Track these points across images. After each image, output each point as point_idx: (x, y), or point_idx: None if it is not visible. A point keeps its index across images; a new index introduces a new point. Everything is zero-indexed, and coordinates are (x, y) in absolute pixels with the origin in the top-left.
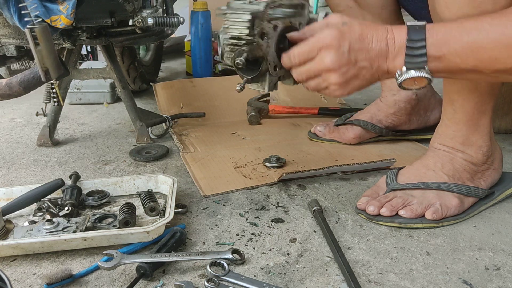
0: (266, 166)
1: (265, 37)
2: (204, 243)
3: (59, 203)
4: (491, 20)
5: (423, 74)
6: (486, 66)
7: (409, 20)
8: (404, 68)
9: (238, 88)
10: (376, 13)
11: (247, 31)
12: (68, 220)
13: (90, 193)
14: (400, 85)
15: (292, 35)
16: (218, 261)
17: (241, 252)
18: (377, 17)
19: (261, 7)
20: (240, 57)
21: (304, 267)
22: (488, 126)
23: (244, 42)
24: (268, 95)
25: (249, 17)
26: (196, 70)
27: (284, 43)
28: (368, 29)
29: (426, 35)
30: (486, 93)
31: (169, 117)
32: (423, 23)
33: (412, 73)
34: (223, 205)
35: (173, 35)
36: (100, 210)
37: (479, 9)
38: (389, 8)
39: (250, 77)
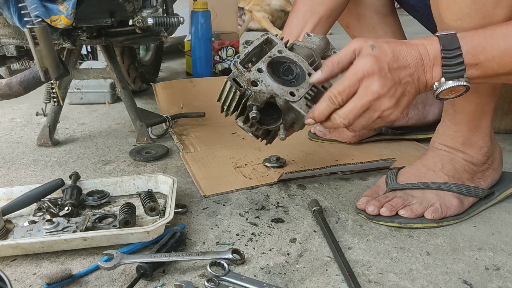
0: (266, 166)
1: (257, 81)
2: (204, 243)
3: (59, 203)
4: None
5: (462, 83)
6: None
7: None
8: (442, 79)
9: (282, 136)
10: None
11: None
12: (68, 220)
13: (90, 193)
14: (437, 97)
15: (319, 76)
16: (218, 261)
17: (241, 252)
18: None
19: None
20: (252, 110)
21: (304, 267)
22: (489, 127)
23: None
24: None
25: (228, 82)
26: (196, 70)
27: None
28: (397, 46)
29: (461, 44)
30: (487, 94)
31: (169, 117)
32: (453, 32)
33: (450, 83)
34: (223, 205)
35: (173, 35)
36: (100, 210)
37: (480, 11)
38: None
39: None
